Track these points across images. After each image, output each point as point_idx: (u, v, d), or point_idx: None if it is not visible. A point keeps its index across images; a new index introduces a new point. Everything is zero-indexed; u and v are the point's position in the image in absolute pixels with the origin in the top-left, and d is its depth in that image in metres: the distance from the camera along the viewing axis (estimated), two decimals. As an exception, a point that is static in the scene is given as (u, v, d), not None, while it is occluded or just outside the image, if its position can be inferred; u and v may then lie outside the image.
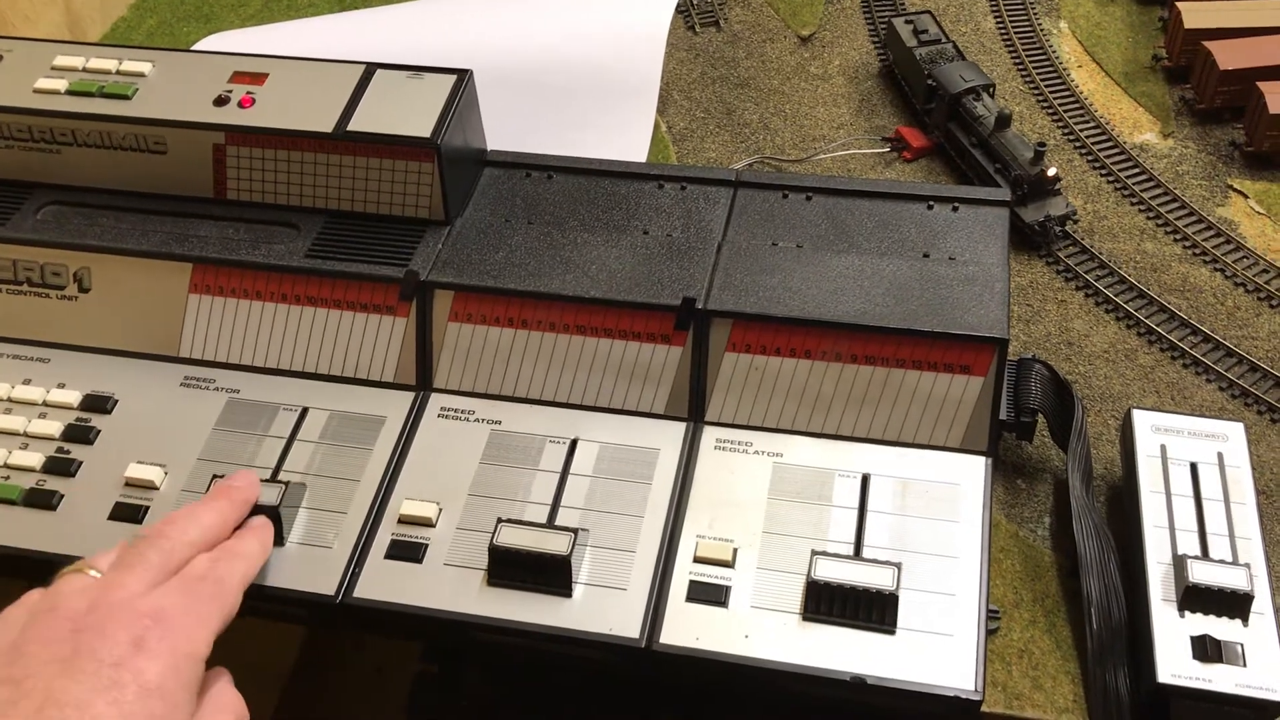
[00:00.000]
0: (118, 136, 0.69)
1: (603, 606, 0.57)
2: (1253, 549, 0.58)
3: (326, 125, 0.67)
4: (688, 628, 0.56)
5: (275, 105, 0.69)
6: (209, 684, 0.50)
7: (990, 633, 0.60)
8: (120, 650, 0.46)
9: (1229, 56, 0.85)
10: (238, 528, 0.57)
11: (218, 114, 0.68)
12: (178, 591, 0.50)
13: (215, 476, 0.61)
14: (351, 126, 0.67)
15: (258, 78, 0.70)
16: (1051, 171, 0.78)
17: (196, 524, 0.54)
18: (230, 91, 0.69)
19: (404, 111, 0.67)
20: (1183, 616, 0.56)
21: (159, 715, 0.46)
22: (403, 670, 0.75)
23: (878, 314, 0.62)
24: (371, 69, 0.70)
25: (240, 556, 0.54)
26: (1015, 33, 0.97)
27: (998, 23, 0.98)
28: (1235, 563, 0.57)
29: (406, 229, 0.68)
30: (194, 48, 0.94)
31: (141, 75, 0.71)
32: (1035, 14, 0.98)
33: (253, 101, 0.69)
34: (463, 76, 0.69)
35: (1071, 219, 0.79)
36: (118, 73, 0.71)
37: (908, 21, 0.91)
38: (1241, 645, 0.55)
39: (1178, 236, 0.80)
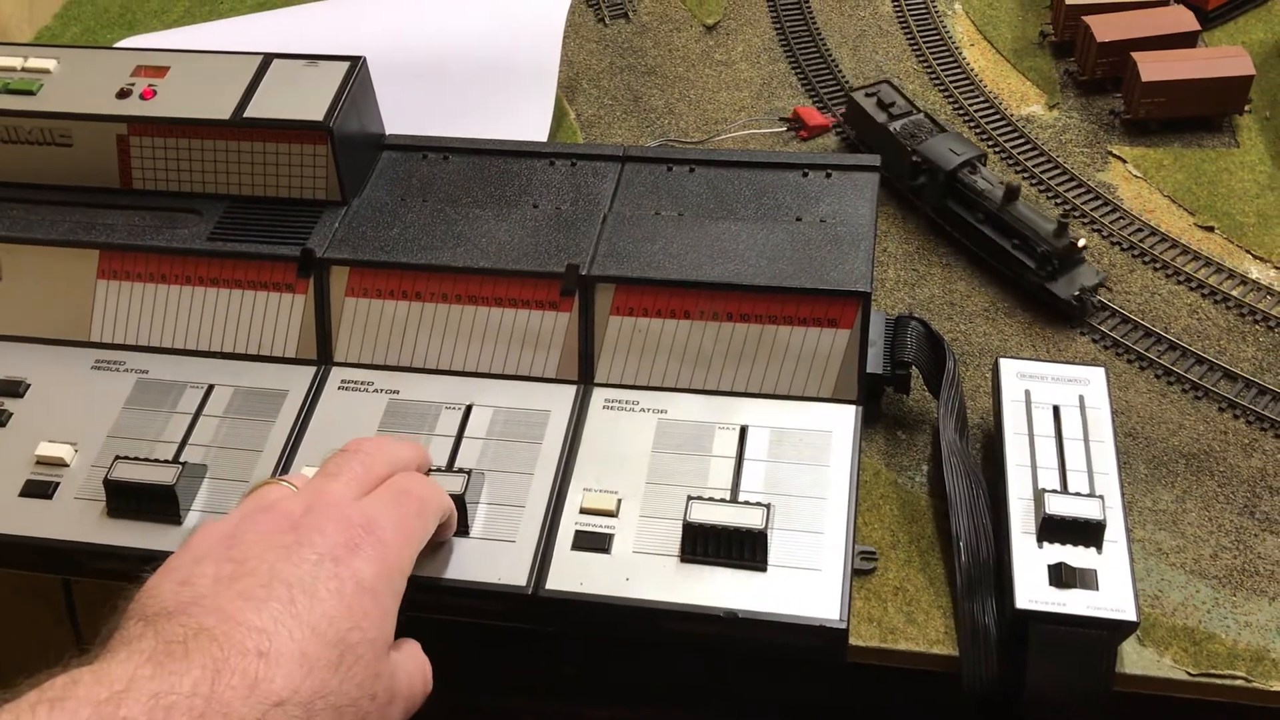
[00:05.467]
0: (24, 130, 0.72)
1: (492, 557, 0.60)
2: (1109, 483, 0.62)
3: (224, 112, 0.70)
4: (572, 573, 0.59)
5: (176, 96, 0.71)
6: (404, 643, 0.51)
7: (866, 573, 0.63)
8: (338, 550, 0.47)
9: (1106, 29, 0.89)
10: None
11: (121, 106, 0.71)
12: (386, 504, 0.51)
13: (119, 457, 0.63)
14: (248, 113, 0.70)
15: (159, 70, 0.72)
16: (1081, 243, 0.74)
17: (392, 447, 0.56)
18: (132, 84, 0.72)
19: (299, 97, 0.70)
20: (1041, 547, 0.59)
21: (373, 614, 0.47)
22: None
23: (751, 274, 0.65)
24: (269, 59, 0.73)
25: (435, 488, 0.56)
26: (911, 15, 1.00)
27: (895, 6, 1.02)
28: (1091, 495, 0.60)
29: (305, 210, 0.71)
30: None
31: (46, 71, 0.73)
32: (931, -4, 1.02)
33: (154, 93, 0.71)
34: (355, 63, 0.71)
35: (1103, 286, 0.76)
36: (23, 69, 0.73)
37: (869, 95, 0.86)
38: (1095, 571, 0.58)
39: (1059, 201, 0.84)
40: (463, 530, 0.60)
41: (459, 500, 0.59)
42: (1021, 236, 0.75)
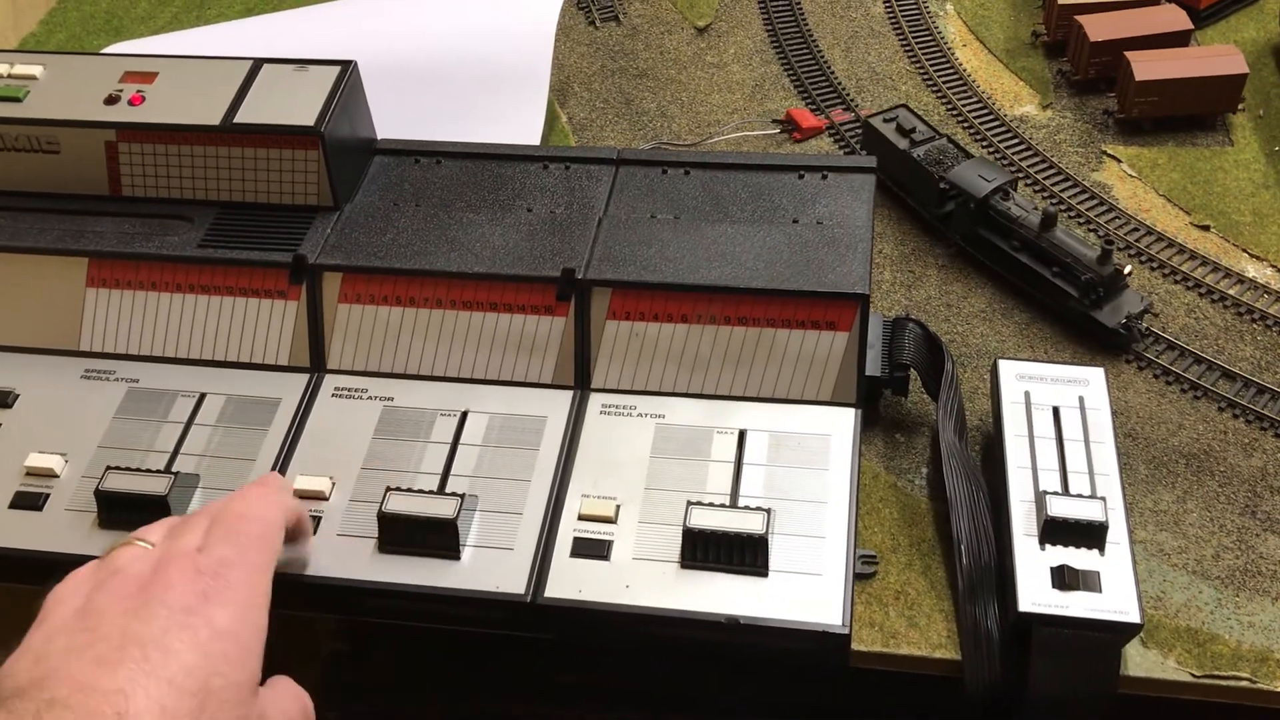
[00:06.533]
0: (10, 138, 0.71)
1: (490, 566, 0.59)
2: (1111, 484, 0.61)
3: (214, 118, 0.69)
4: (571, 581, 0.58)
5: (165, 102, 0.71)
6: (276, 679, 0.51)
7: (867, 577, 0.62)
8: (190, 601, 0.47)
9: (1099, 29, 0.89)
10: None
11: (109, 112, 0.70)
12: (225, 540, 0.51)
13: (110, 468, 0.62)
14: (238, 119, 0.69)
15: (147, 76, 0.72)
16: (1127, 270, 0.73)
17: (242, 493, 0.55)
18: (121, 90, 0.71)
19: (289, 102, 0.69)
20: (1044, 549, 0.59)
21: (233, 657, 0.47)
22: (313, 648, 0.76)
23: (748, 277, 0.64)
24: (258, 64, 0.72)
25: (270, 489, 0.55)
26: (903, 17, 1.00)
27: (886, 7, 1.02)
28: (1093, 496, 0.60)
29: (296, 216, 0.70)
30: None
31: (33, 78, 0.72)
32: (923, -3, 1.01)
33: (143, 99, 0.71)
34: (346, 67, 0.71)
35: (1149, 312, 0.74)
36: (9, 76, 0.72)
37: (887, 120, 0.83)
38: (1098, 573, 0.58)
39: (1054, 201, 0.83)
40: (454, 553, 0.59)
41: (449, 524, 0.58)
42: (1062, 264, 0.73)
